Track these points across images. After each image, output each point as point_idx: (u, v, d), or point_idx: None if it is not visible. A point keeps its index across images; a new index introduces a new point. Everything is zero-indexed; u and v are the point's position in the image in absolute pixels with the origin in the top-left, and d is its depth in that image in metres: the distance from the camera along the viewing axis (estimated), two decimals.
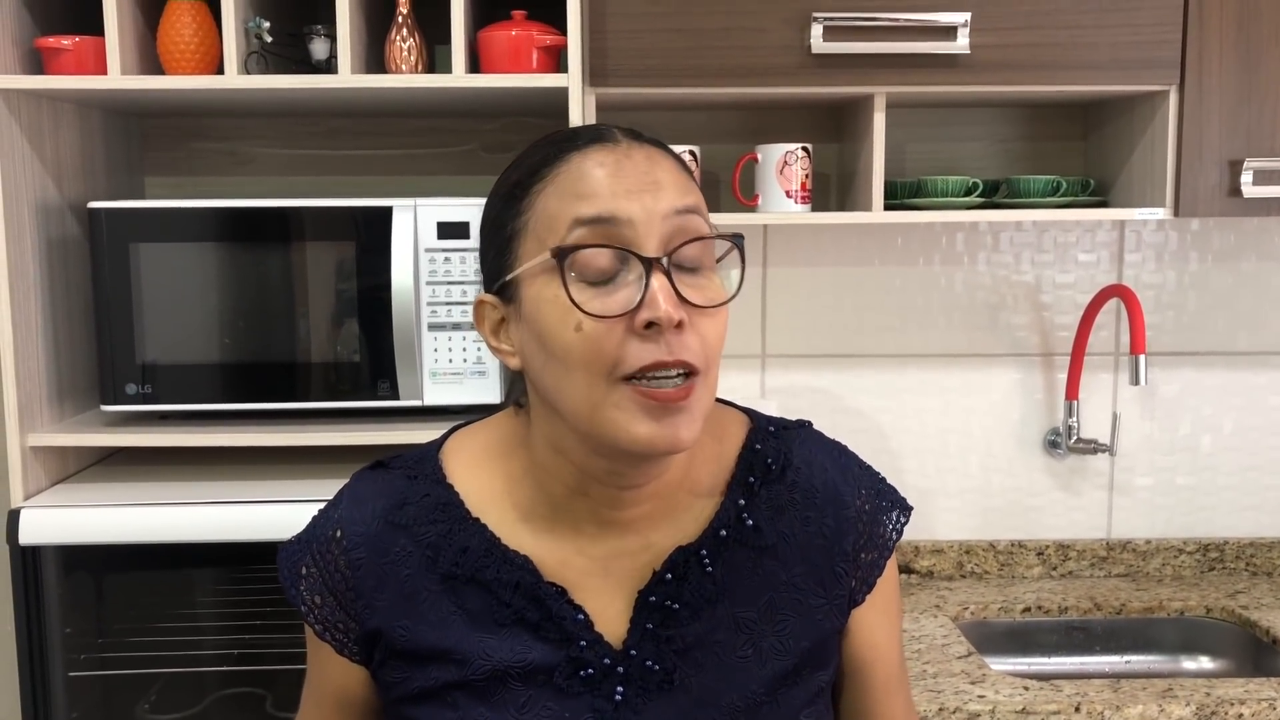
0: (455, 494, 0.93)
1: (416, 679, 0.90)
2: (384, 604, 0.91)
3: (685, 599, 0.91)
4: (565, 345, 0.82)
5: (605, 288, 0.83)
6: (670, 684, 0.89)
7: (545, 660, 0.89)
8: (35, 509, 1.52)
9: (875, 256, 1.97)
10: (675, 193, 0.84)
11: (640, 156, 0.86)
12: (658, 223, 0.83)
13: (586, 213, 0.82)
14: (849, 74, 1.62)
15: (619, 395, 0.82)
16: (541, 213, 0.85)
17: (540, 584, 0.90)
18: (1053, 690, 1.49)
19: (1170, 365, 1.99)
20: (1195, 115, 1.64)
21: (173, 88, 1.55)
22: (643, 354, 0.81)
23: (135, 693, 1.56)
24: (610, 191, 0.83)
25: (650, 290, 0.81)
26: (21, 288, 1.56)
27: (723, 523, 0.93)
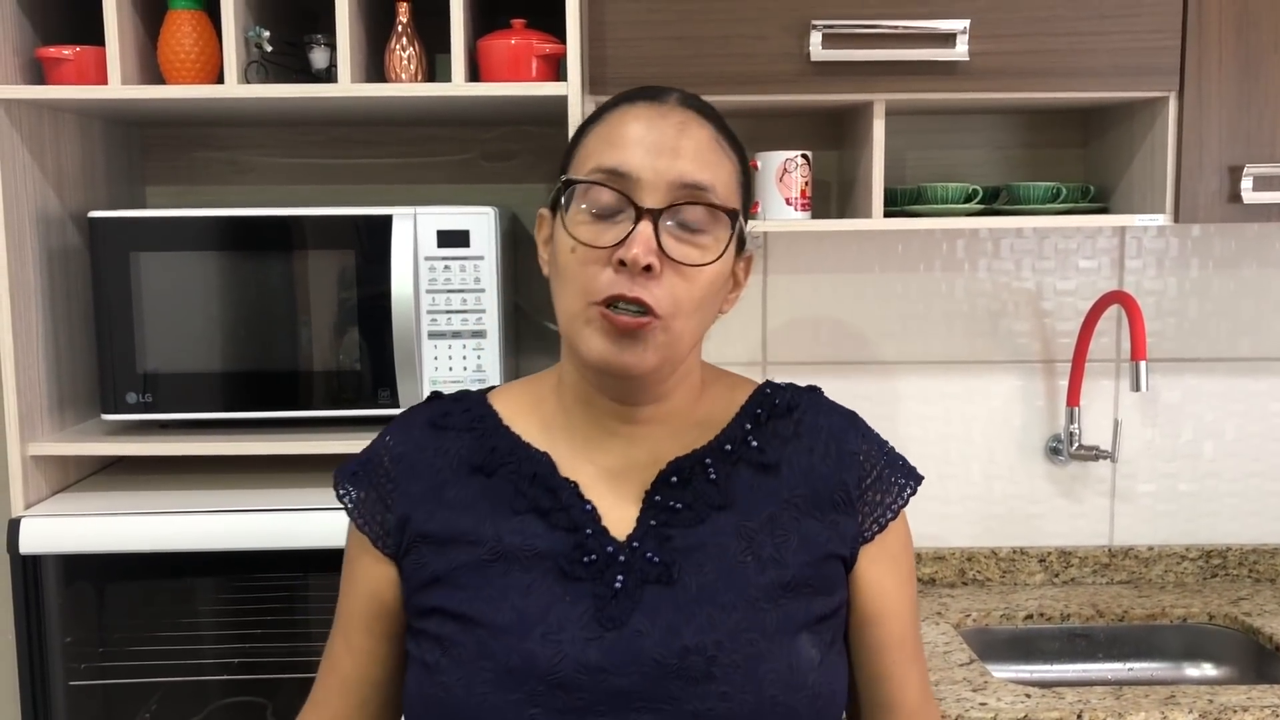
0: (492, 409, 1.03)
1: (434, 563, 0.97)
2: (416, 491, 0.99)
3: (689, 501, 0.97)
4: (564, 263, 0.94)
5: (605, 223, 0.92)
6: (669, 579, 0.94)
7: (552, 547, 0.95)
8: (36, 518, 1.51)
9: (876, 263, 1.97)
10: (692, 165, 0.93)
11: (675, 120, 0.95)
12: (664, 186, 0.92)
13: (606, 162, 0.93)
14: (848, 81, 1.63)
15: (591, 314, 0.92)
16: (584, 149, 0.97)
17: (555, 476, 0.98)
18: (1055, 697, 1.49)
19: (1171, 372, 1.99)
20: (1195, 121, 1.64)
21: (173, 97, 1.55)
22: (610, 284, 0.91)
23: (136, 702, 1.56)
24: (634, 144, 0.93)
25: (632, 234, 0.91)
26: (22, 297, 1.56)
27: (729, 439, 1.01)
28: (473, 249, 1.59)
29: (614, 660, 0.90)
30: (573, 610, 0.92)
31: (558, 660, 0.90)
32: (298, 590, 1.57)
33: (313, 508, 1.52)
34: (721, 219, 0.94)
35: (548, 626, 0.91)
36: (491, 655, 0.91)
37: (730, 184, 0.97)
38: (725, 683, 0.90)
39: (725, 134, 0.99)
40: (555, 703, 0.90)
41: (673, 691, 0.90)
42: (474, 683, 0.91)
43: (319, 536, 1.51)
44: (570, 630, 0.91)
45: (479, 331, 1.60)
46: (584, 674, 0.90)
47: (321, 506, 1.52)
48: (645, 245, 0.90)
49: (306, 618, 1.57)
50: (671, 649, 0.91)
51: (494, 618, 0.92)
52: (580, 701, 0.90)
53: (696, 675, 0.90)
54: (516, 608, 0.92)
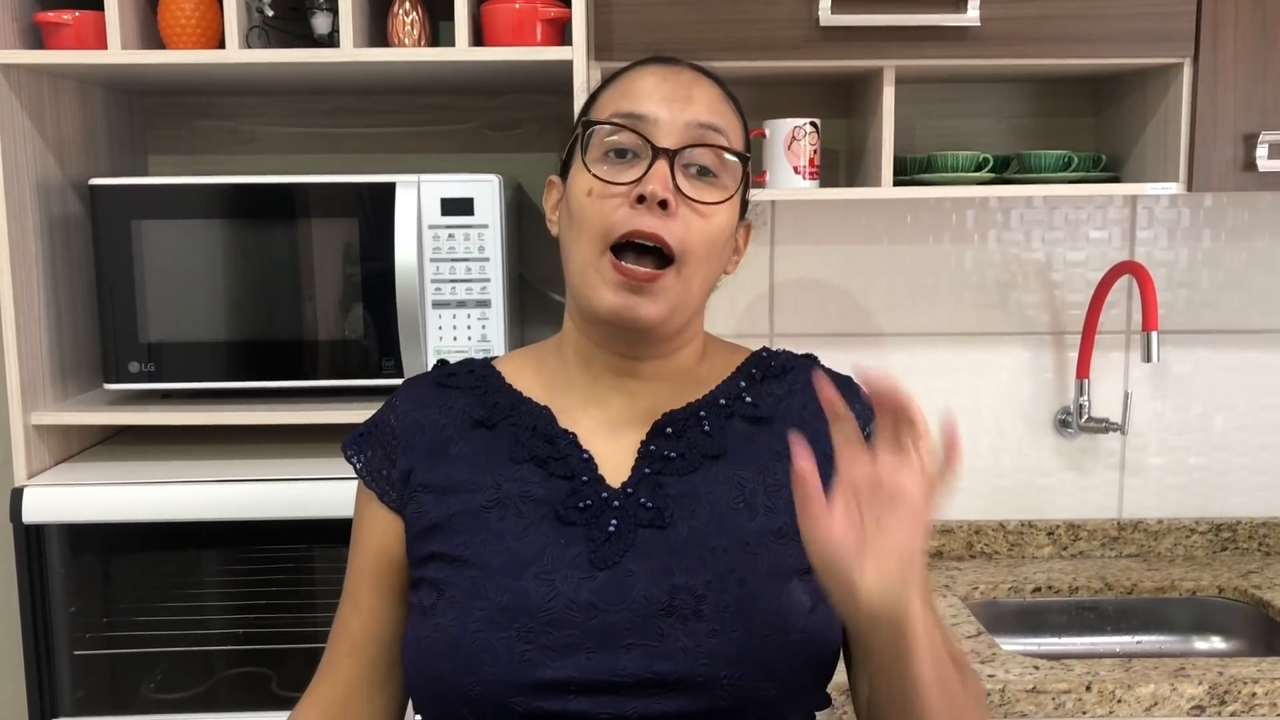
0: (496, 370, 1.06)
1: (433, 510, 0.98)
2: (420, 445, 1.02)
3: (683, 451, 0.99)
4: (579, 206, 0.96)
5: (622, 164, 0.96)
6: (662, 523, 0.96)
7: (549, 494, 0.97)
8: (39, 487, 1.51)
9: (884, 234, 1.95)
10: (704, 109, 0.97)
11: (688, 77, 0.99)
12: (679, 128, 0.95)
13: (624, 108, 0.97)
14: (857, 47, 1.60)
15: (603, 264, 0.94)
16: (599, 104, 1.01)
17: (554, 428, 1.01)
18: (1063, 669, 1.48)
19: (1182, 344, 1.97)
20: (1210, 88, 1.62)
21: (173, 62, 1.53)
22: (629, 220, 0.93)
23: (141, 672, 1.56)
24: (648, 94, 0.97)
25: (650, 171, 0.93)
26: (23, 266, 1.55)
27: (723, 394, 1.03)
28: (477, 217, 1.57)
29: (605, 597, 0.92)
30: (566, 552, 0.94)
31: (550, 598, 0.92)
32: (303, 561, 1.56)
33: (317, 478, 1.51)
34: (733, 167, 0.97)
35: (541, 566, 0.93)
36: (485, 595, 0.93)
37: (739, 135, 1.00)
38: (714, 621, 0.91)
39: (731, 98, 1.02)
40: (546, 639, 0.91)
41: (662, 629, 0.91)
42: (467, 621, 0.92)
43: (323, 506, 1.50)
44: (563, 570, 0.93)
45: (483, 301, 1.59)
46: (575, 611, 0.91)
47: (326, 476, 1.51)
48: (663, 181, 0.93)
49: (312, 588, 1.57)
50: (661, 587, 0.92)
51: (489, 559, 0.94)
52: (571, 638, 0.91)
53: (685, 613, 0.91)
54: (511, 550, 0.94)
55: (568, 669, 0.90)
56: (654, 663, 0.90)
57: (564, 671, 0.90)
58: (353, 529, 1.06)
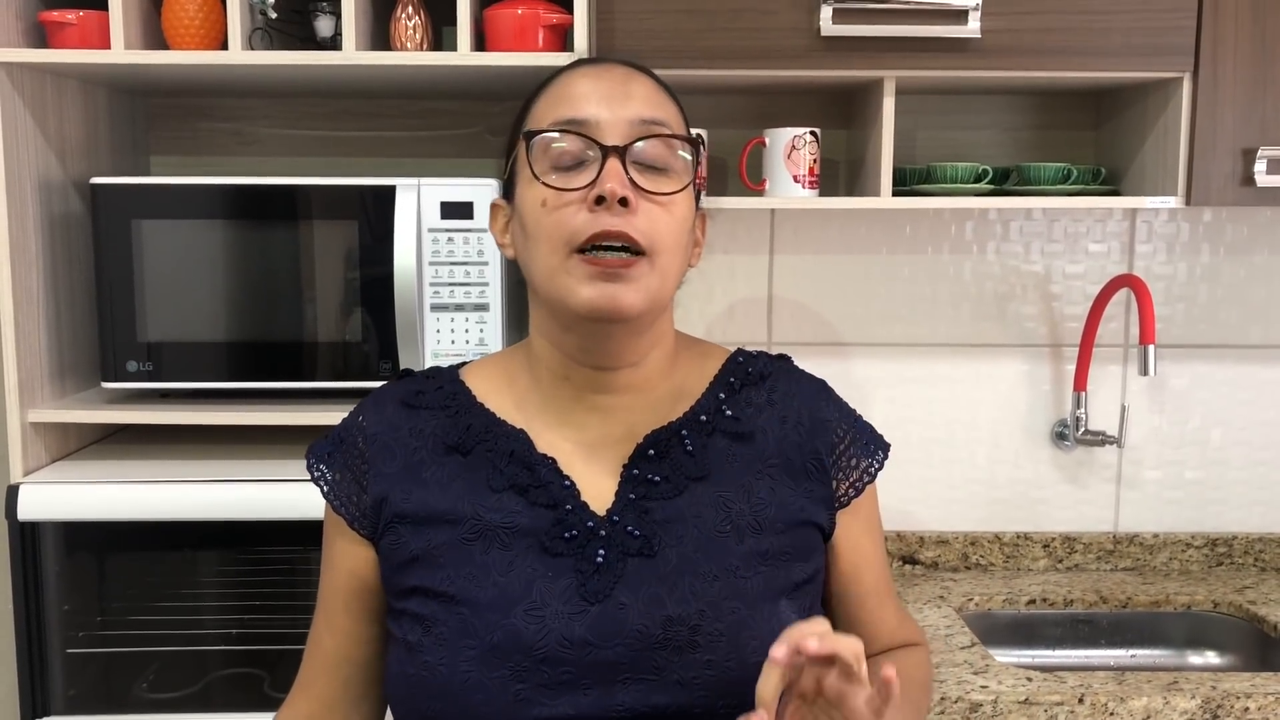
0: (465, 386, 1.03)
1: (413, 542, 0.96)
2: (391, 471, 0.99)
3: (666, 474, 0.98)
4: (535, 220, 0.94)
5: (571, 172, 0.94)
6: (650, 551, 0.94)
7: (533, 524, 0.95)
8: (35, 485, 1.51)
9: (883, 245, 1.95)
10: (644, 105, 0.95)
11: (620, 73, 0.98)
12: (623, 125, 0.93)
13: (563, 114, 0.95)
14: (858, 57, 1.61)
15: (572, 264, 0.92)
16: (533, 117, 0.99)
17: (533, 453, 0.98)
18: (1056, 681, 1.48)
19: (1180, 358, 1.97)
20: (1209, 103, 1.62)
21: (176, 63, 1.54)
22: (591, 224, 0.91)
23: (134, 671, 1.56)
24: (585, 97, 0.95)
25: (603, 171, 0.92)
26: (23, 263, 1.56)
27: (703, 410, 1.02)
28: (476, 221, 1.57)
29: (598, 633, 0.91)
30: (555, 585, 0.92)
31: (541, 635, 0.90)
32: (297, 562, 1.56)
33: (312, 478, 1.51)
34: (680, 156, 0.96)
35: (530, 602, 0.92)
36: (474, 633, 0.91)
37: (681, 125, 0.99)
38: (709, 650, 0.91)
39: (667, 90, 1.01)
40: (540, 678, 0.89)
41: (657, 661, 0.90)
42: (457, 661, 0.90)
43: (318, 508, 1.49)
44: (553, 605, 0.92)
45: (481, 304, 1.59)
46: (568, 648, 0.90)
47: None
48: (619, 178, 0.91)
49: (307, 590, 1.57)
50: (654, 620, 0.91)
51: (476, 595, 0.92)
52: (566, 675, 0.90)
53: (680, 644, 0.91)
54: (498, 585, 0.93)
55: (563, 706, 0.90)
56: (651, 696, 0.90)
57: (560, 709, 0.89)
58: (324, 546, 1.05)
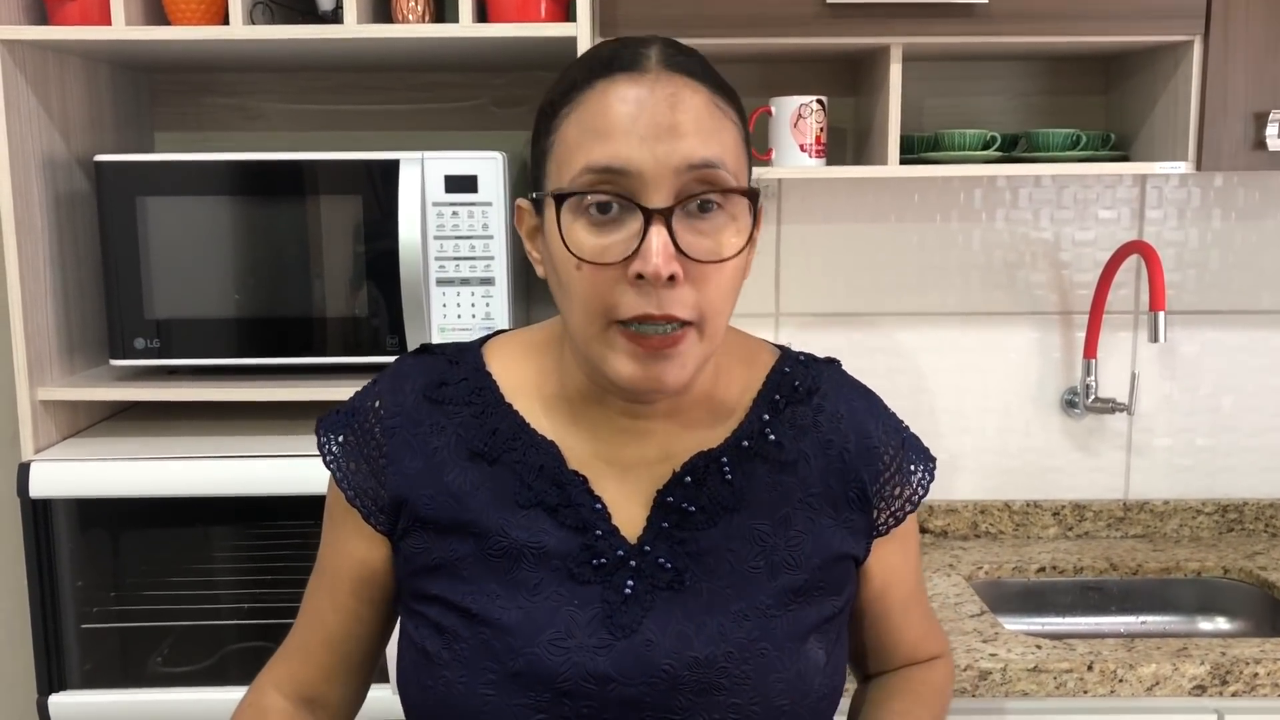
0: (492, 380, 0.96)
1: (435, 550, 0.92)
2: (412, 472, 0.93)
3: (702, 504, 0.93)
4: (569, 279, 0.85)
5: (609, 227, 0.83)
6: (681, 585, 0.91)
7: (561, 546, 0.91)
8: (46, 462, 1.52)
9: (891, 213, 1.94)
10: (696, 141, 0.82)
11: (666, 92, 0.83)
12: (669, 175, 0.81)
13: (597, 160, 0.82)
14: (865, 24, 1.59)
15: (611, 335, 0.84)
16: (563, 140, 0.85)
17: (563, 470, 0.92)
18: (1066, 649, 1.48)
19: (1191, 324, 1.96)
20: (1220, 66, 1.60)
21: (176, 38, 1.53)
22: (633, 305, 0.82)
23: (148, 645, 1.57)
24: (625, 133, 0.81)
25: (645, 242, 0.81)
26: (30, 242, 1.56)
27: (746, 434, 0.95)
28: (481, 194, 1.57)
29: (622, 670, 0.88)
30: (581, 615, 0.89)
31: (565, 668, 0.88)
32: (309, 536, 1.55)
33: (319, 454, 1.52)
34: (733, 196, 0.84)
35: (556, 632, 0.89)
36: (496, 656, 0.88)
37: (738, 151, 0.87)
38: (734, 694, 0.89)
39: (720, 91, 0.87)
40: (562, 710, 0.88)
41: (681, 703, 0.88)
42: (476, 683, 0.89)
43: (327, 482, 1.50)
44: (579, 637, 0.89)
45: (487, 279, 1.59)
46: (591, 683, 0.88)
47: None
48: (665, 254, 0.80)
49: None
50: (681, 660, 0.88)
51: (500, 616, 0.89)
52: (587, 710, 0.88)
53: (705, 686, 0.88)
54: (524, 609, 0.89)
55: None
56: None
57: None
58: (329, 522, 1.01)
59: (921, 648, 1.09)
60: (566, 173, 0.84)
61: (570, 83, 0.87)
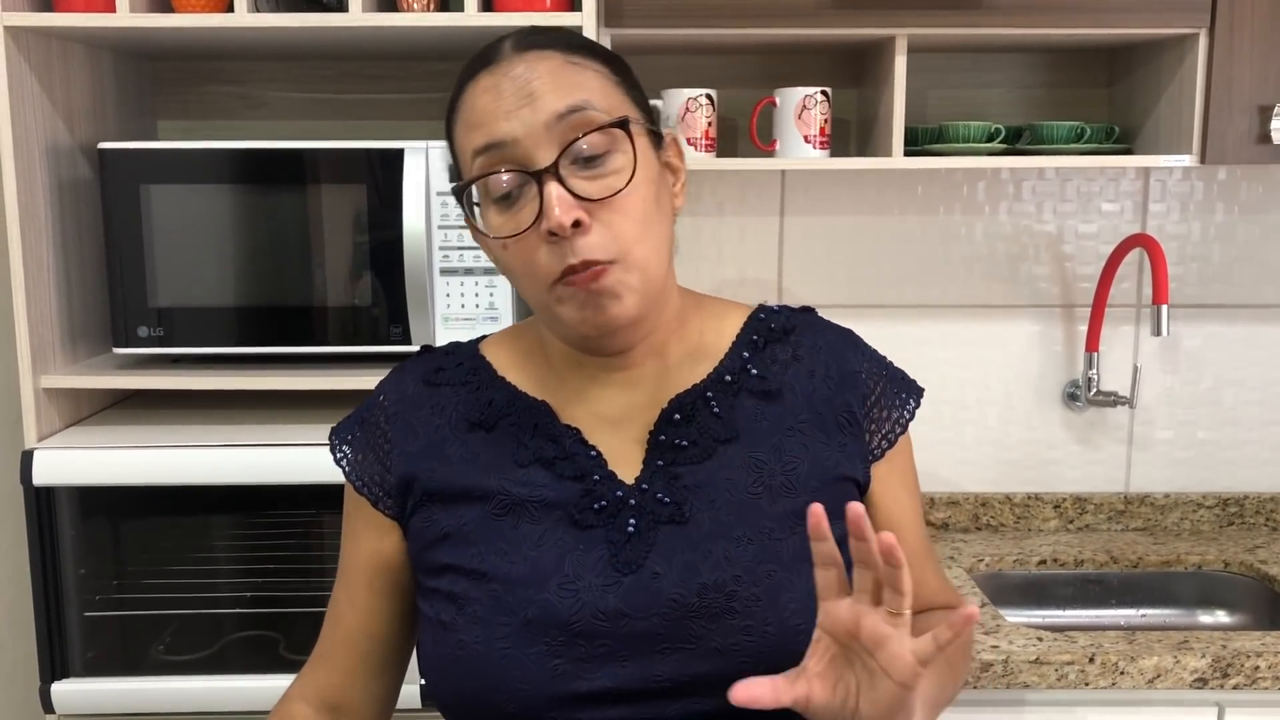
0: (485, 361, 1.02)
1: (442, 520, 0.96)
2: (415, 450, 0.98)
3: (693, 438, 0.96)
4: (503, 262, 0.93)
5: (514, 203, 0.89)
6: (682, 518, 0.93)
7: (561, 496, 0.94)
8: (49, 450, 1.52)
9: (894, 205, 1.94)
10: (555, 97, 0.88)
11: (520, 69, 0.90)
12: (542, 133, 0.87)
13: (478, 143, 0.89)
14: (869, 15, 1.59)
15: (558, 292, 0.90)
16: (457, 144, 0.94)
17: (556, 425, 0.97)
18: (1067, 641, 1.48)
19: (1193, 318, 1.96)
20: (1225, 59, 1.60)
21: (181, 25, 1.52)
22: (554, 262, 0.88)
23: (150, 634, 1.57)
24: (493, 114, 0.89)
25: (545, 201, 0.87)
26: (33, 229, 1.56)
27: (727, 370, 0.99)
28: None
29: (632, 604, 0.90)
30: (587, 558, 0.91)
31: (576, 609, 0.89)
32: (311, 526, 1.57)
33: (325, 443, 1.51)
34: (615, 133, 0.89)
35: (563, 576, 0.90)
36: (509, 609, 0.90)
37: (606, 91, 0.91)
38: (747, 616, 0.89)
39: (573, 50, 0.92)
40: (577, 652, 0.89)
41: (694, 630, 0.89)
42: (493, 639, 0.90)
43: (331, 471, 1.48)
44: (586, 578, 0.90)
45: (491, 268, 1.59)
46: (603, 620, 0.89)
47: None
48: (563, 205, 0.86)
49: (320, 553, 1.58)
50: (689, 588, 0.90)
51: (508, 571, 0.91)
52: (603, 648, 0.89)
53: (717, 611, 0.89)
54: (529, 559, 0.91)
55: (603, 679, 0.89)
56: (690, 665, 0.89)
57: (599, 682, 0.89)
58: (344, 522, 1.04)
59: (940, 599, 1.07)
60: (465, 170, 0.93)
61: (452, 98, 0.95)
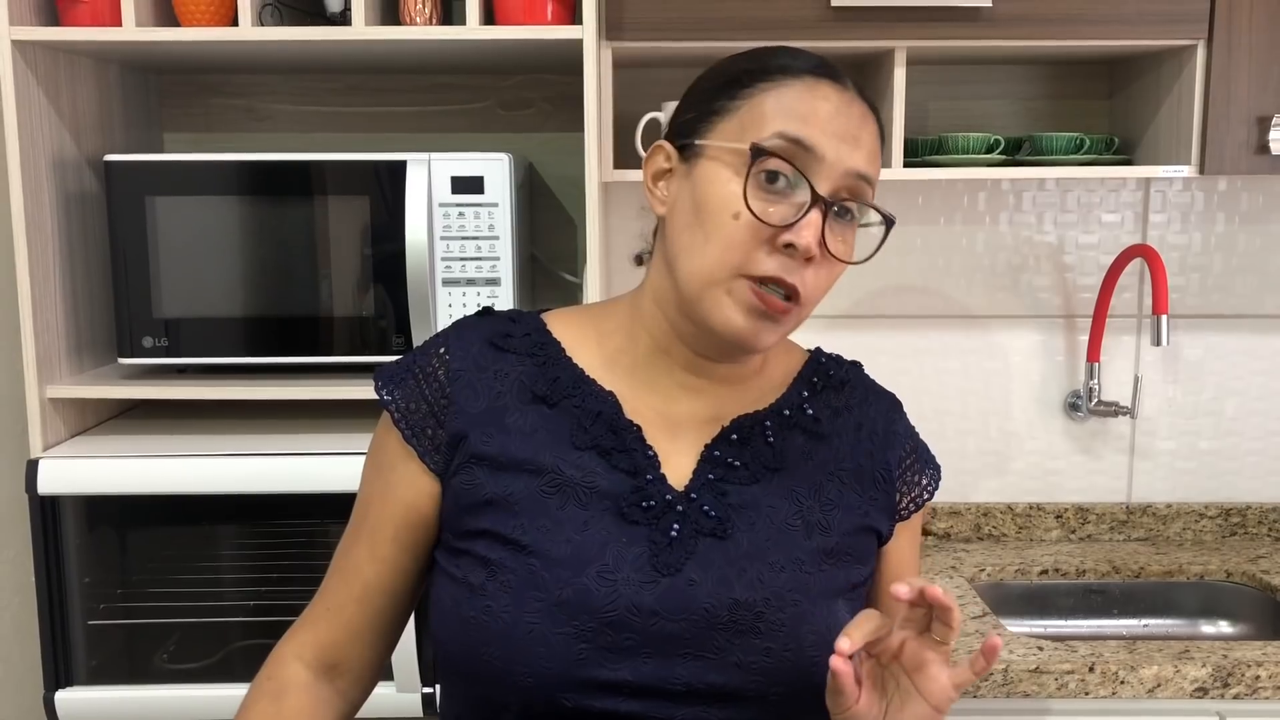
0: (553, 337, 1.02)
1: (489, 486, 0.96)
2: (474, 411, 0.98)
3: (745, 461, 0.99)
4: (718, 224, 0.91)
5: (775, 196, 0.91)
6: (724, 533, 0.96)
7: (612, 487, 0.96)
8: (54, 459, 1.53)
9: (895, 216, 1.94)
10: (866, 157, 0.93)
11: (858, 113, 0.94)
12: (840, 172, 0.91)
13: (795, 131, 0.91)
14: (869, 28, 1.60)
15: (735, 285, 0.91)
16: (757, 107, 0.93)
17: (620, 417, 0.98)
18: (1067, 650, 1.49)
19: (1194, 328, 1.97)
20: (1224, 70, 1.61)
21: (186, 39, 1.54)
22: (771, 265, 0.90)
23: (154, 642, 1.58)
24: (823, 126, 0.91)
25: (805, 220, 0.90)
26: (39, 241, 1.57)
27: (787, 404, 1.03)
28: (487, 195, 1.58)
29: (666, 605, 0.92)
30: (628, 552, 0.93)
31: (611, 599, 0.91)
32: (314, 535, 1.58)
33: (328, 452, 1.53)
34: (871, 214, 0.96)
35: (604, 564, 0.92)
36: (544, 586, 0.92)
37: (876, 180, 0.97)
38: (769, 639, 0.93)
39: (880, 134, 0.99)
40: (604, 640, 0.91)
41: (719, 642, 0.92)
42: (522, 611, 0.91)
43: (334, 481, 1.51)
44: (625, 571, 0.92)
45: (493, 279, 1.60)
46: (636, 615, 0.91)
47: (337, 451, 1.53)
48: (816, 235, 0.90)
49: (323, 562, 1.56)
50: (722, 601, 0.93)
51: (550, 549, 0.93)
52: (629, 642, 0.91)
53: (743, 629, 0.93)
54: (573, 542, 0.93)
55: (624, 672, 0.91)
56: (708, 674, 0.92)
57: (620, 674, 0.91)
58: (374, 472, 1.02)
59: None
60: (753, 133, 0.92)
61: (773, 66, 0.95)
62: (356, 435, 1.60)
